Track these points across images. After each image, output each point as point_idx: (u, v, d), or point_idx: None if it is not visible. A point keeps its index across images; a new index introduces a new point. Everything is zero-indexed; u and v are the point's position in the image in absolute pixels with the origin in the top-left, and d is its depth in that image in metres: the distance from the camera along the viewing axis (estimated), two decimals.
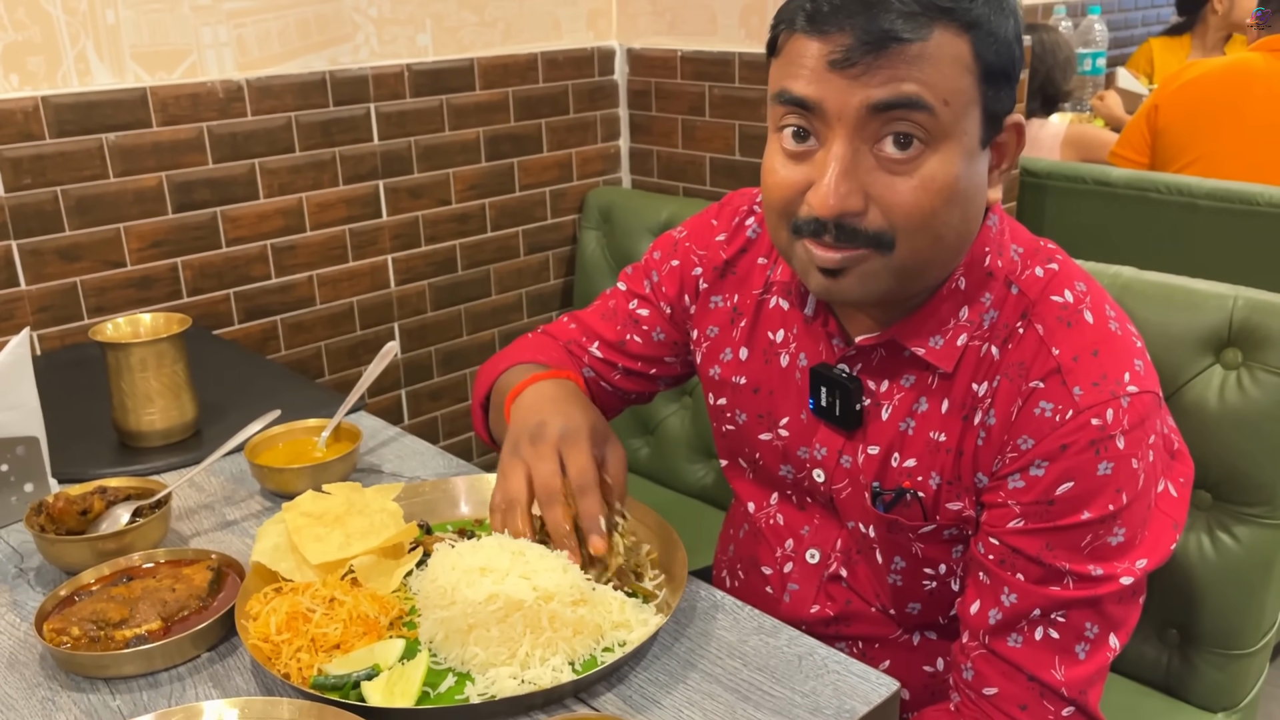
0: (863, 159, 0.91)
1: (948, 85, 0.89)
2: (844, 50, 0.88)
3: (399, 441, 1.34)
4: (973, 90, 0.91)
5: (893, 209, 0.91)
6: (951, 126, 0.90)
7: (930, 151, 0.90)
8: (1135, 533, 0.97)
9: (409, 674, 0.86)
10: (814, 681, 0.87)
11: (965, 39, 0.90)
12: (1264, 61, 2.27)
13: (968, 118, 0.91)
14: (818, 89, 0.90)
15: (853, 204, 0.91)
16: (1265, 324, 1.30)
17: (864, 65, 0.88)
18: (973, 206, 0.96)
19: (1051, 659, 0.98)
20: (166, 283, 1.77)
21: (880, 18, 0.87)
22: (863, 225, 0.92)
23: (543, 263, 2.27)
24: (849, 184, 0.91)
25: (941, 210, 0.92)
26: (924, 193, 0.90)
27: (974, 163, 0.94)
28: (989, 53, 0.91)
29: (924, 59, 0.88)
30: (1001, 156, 0.99)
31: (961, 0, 0.89)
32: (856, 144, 0.90)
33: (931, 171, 0.90)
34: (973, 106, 0.92)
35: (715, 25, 2.08)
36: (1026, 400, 0.96)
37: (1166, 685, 1.46)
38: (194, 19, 1.73)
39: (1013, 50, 0.94)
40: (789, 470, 1.15)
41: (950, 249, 0.97)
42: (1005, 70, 0.93)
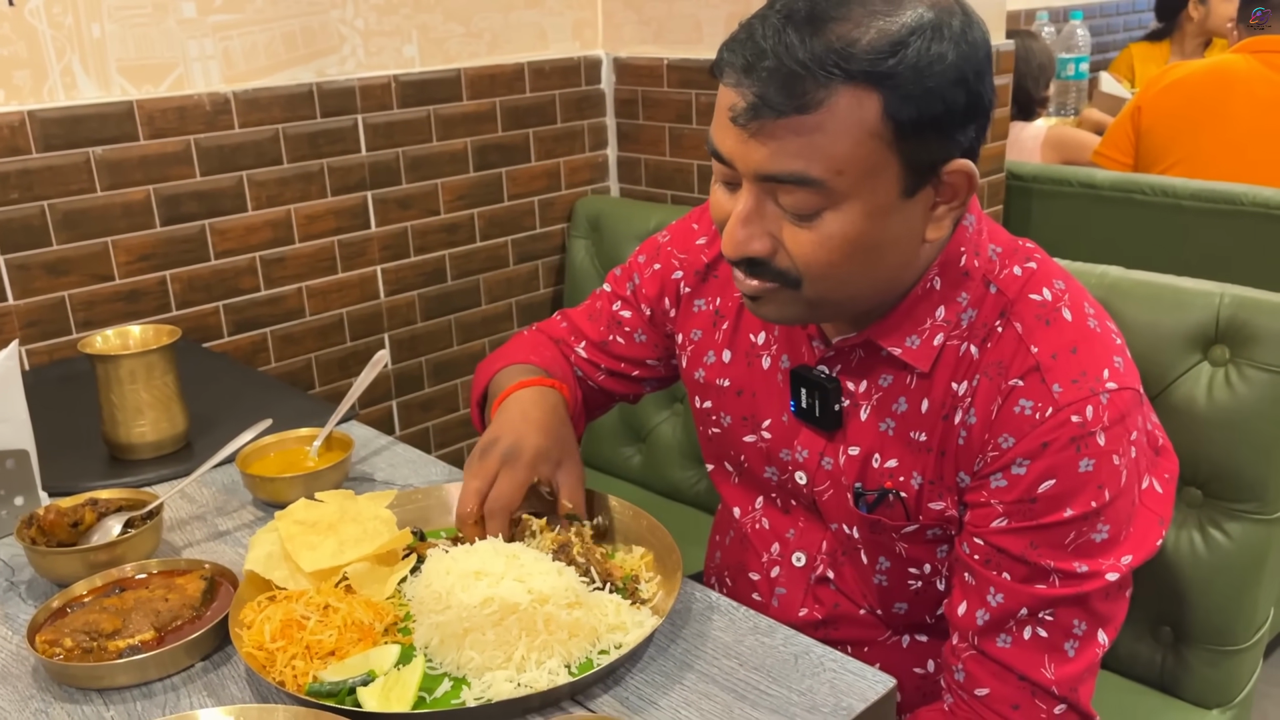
0: (769, 207, 0.92)
1: (842, 154, 0.87)
2: (740, 110, 0.88)
3: (391, 450, 1.34)
4: (880, 152, 0.88)
5: (795, 257, 0.93)
6: (851, 189, 0.89)
7: (830, 209, 0.90)
8: (1120, 529, 0.97)
9: (405, 679, 0.86)
10: (810, 680, 0.87)
11: (874, 98, 0.86)
12: (1245, 63, 2.29)
13: (875, 178, 0.89)
14: (724, 141, 0.92)
15: (755, 248, 0.93)
16: (1252, 321, 1.31)
17: (754, 128, 0.88)
18: (892, 253, 0.95)
19: (1041, 658, 0.98)
20: (155, 296, 1.77)
21: (773, 82, 0.86)
22: (772, 263, 0.94)
23: (532, 272, 2.27)
24: (749, 230, 0.92)
25: (841, 263, 0.92)
26: (822, 248, 0.91)
27: (890, 215, 0.92)
28: (907, 109, 0.87)
29: (818, 130, 0.86)
30: (951, 195, 0.94)
31: (871, 55, 0.85)
32: (761, 196, 0.92)
33: (830, 230, 0.90)
34: (881, 168, 0.89)
35: (700, 34, 2.09)
36: (1006, 399, 0.96)
37: (1160, 683, 1.46)
38: (180, 32, 1.73)
39: (949, 96, 0.88)
40: (773, 472, 1.15)
41: (869, 290, 0.97)
42: (935, 120, 0.88)
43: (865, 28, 0.86)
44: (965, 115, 0.90)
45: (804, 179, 0.88)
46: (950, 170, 0.92)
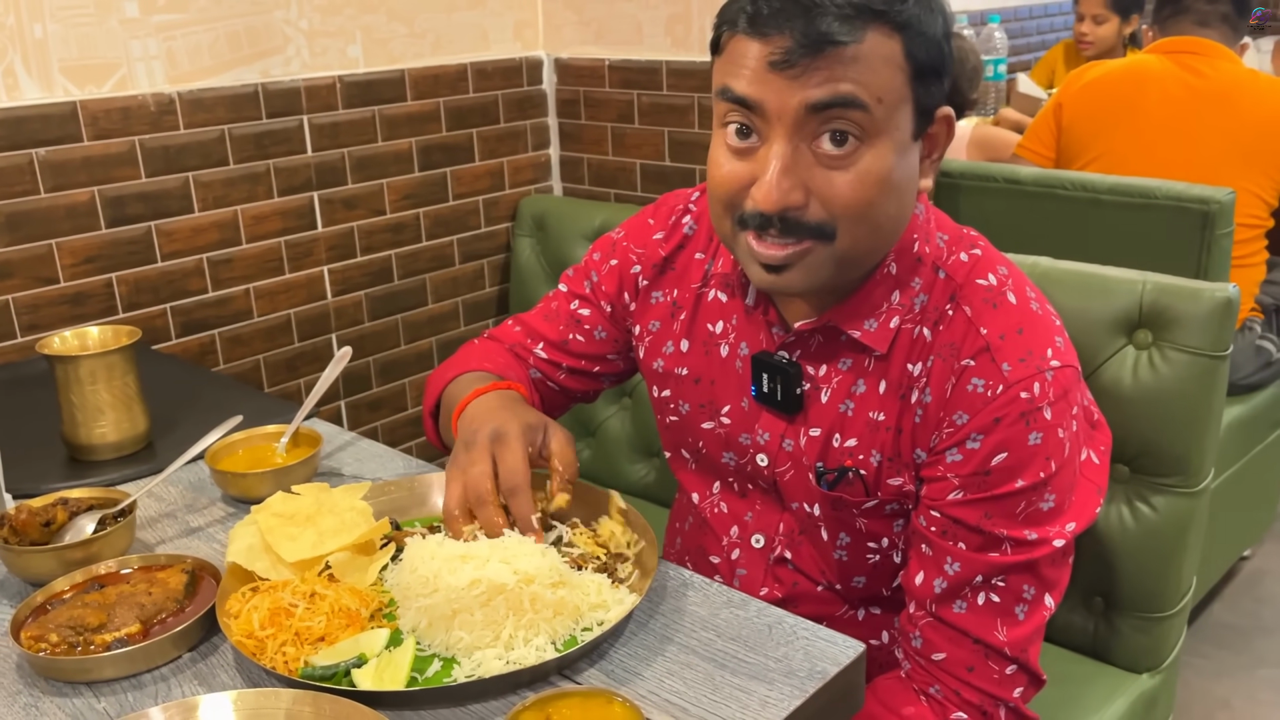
0: (802, 155, 0.95)
1: (881, 84, 0.94)
2: (784, 52, 0.92)
3: (356, 445, 1.36)
4: (904, 88, 0.96)
5: (832, 201, 0.96)
6: (885, 122, 0.95)
7: (865, 147, 0.95)
8: (1064, 498, 1.04)
9: (397, 660, 0.88)
10: (785, 648, 0.92)
11: (897, 39, 0.95)
12: (1159, 63, 2.41)
13: (900, 113, 0.97)
14: (759, 89, 0.95)
15: (794, 199, 0.96)
16: (1173, 306, 1.39)
17: (802, 66, 0.92)
18: (906, 195, 1.02)
19: (994, 622, 1.04)
20: (101, 299, 1.75)
21: (818, 21, 0.92)
22: (805, 218, 0.97)
23: (478, 271, 2.29)
24: (790, 180, 0.95)
25: (878, 200, 0.97)
26: (861, 185, 0.96)
27: (906, 155, 0.99)
28: (919, 51, 0.96)
29: (858, 60, 0.93)
30: (932, 147, 1.04)
31: (893, 3, 0.94)
32: (796, 142, 0.95)
33: (867, 165, 0.96)
34: (904, 103, 0.97)
35: (641, 35, 2.13)
36: (959, 378, 1.02)
37: (1094, 650, 1.54)
38: (123, 32, 1.72)
39: (941, 48, 0.99)
40: (731, 457, 1.19)
41: (887, 236, 1.02)
42: (935, 67, 0.98)
43: None
44: (945, 68, 1.00)
45: (855, 101, 0.93)
46: (939, 116, 1.02)
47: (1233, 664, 2.37)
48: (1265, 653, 2.40)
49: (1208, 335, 1.38)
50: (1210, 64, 2.35)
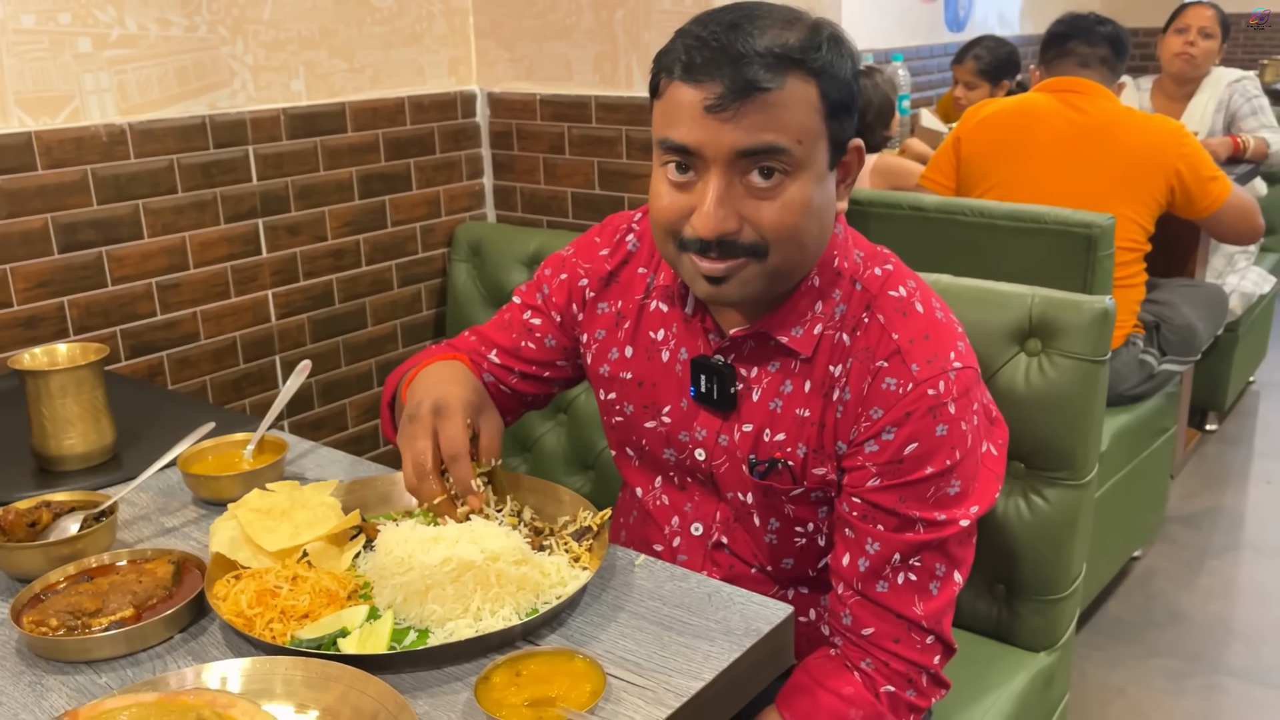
0: (734, 188, 1.09)
1: (800, 125, 1.07)
2: (716, 97, 1.05)
3: (316, 452, 1.45)
4: (820, 126, 1.10)
5: (763, 227, 1.09)
6: (805, 159, 1.09)
7: (789, 180, 1.09)
8: (968, 484, 1.18)
9: (378, 630, 0.98)
10: (723, 611, 1.04)
11: (813, 83, 1.08)
12: (1046, 101, 2.61)
13: (817, 149, 1.10)
14: (695, 136, 1.08)
15: (729, 226, 1.09)
16: (1059, 317, 1.55)
17: (733, 110, 1.05)
18: (826, 218, 1.16)
19: (912, 597, 1.17)
20: (53, 322, 1.81)
21: (744, 69, 1.05)
22: (740, 240, 1.10)
23: (415, 295, 2.39)
24: (724, 210, 1.09)
25: (802, 224, 1.11)
26: (786, 213, 1.09)
27: (825, 183, 1.13)
28: (833, 92, 1.09)
29: (781, 105, 1.06)
30: (847, 173, 1.18)
31: (809, 52, 1.07)
32: (729, 177, 1.08)
33: (791, 195, 1.09)
34: (821, 139, 1.11)
35: (570, 71, 2.26)
36: (874, 378, 1.15)
37: (998, 633, 1.69)
38: (76, 66, 1.79)
39: (851, 87, 1.12)
40: (671, 453, 1.31)
41: (812, 253, 1.16)
42: (846, 104, 1.11)
43: (789, 33, 1.07)
44: (855, 104, 1.14)
45: (776, 148, 1.06)
46: (851, 147, 1.15)
47: (1127, 655, 2.55)
48: (1157, 644, 2.59)
49: (1089, 342, 1.54)
50: (1091, 101, 2.57)
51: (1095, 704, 2.39)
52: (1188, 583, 2.86)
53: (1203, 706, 2.38)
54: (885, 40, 4.47)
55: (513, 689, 0.91)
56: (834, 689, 1.18)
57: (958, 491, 1.16)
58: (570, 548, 1.11)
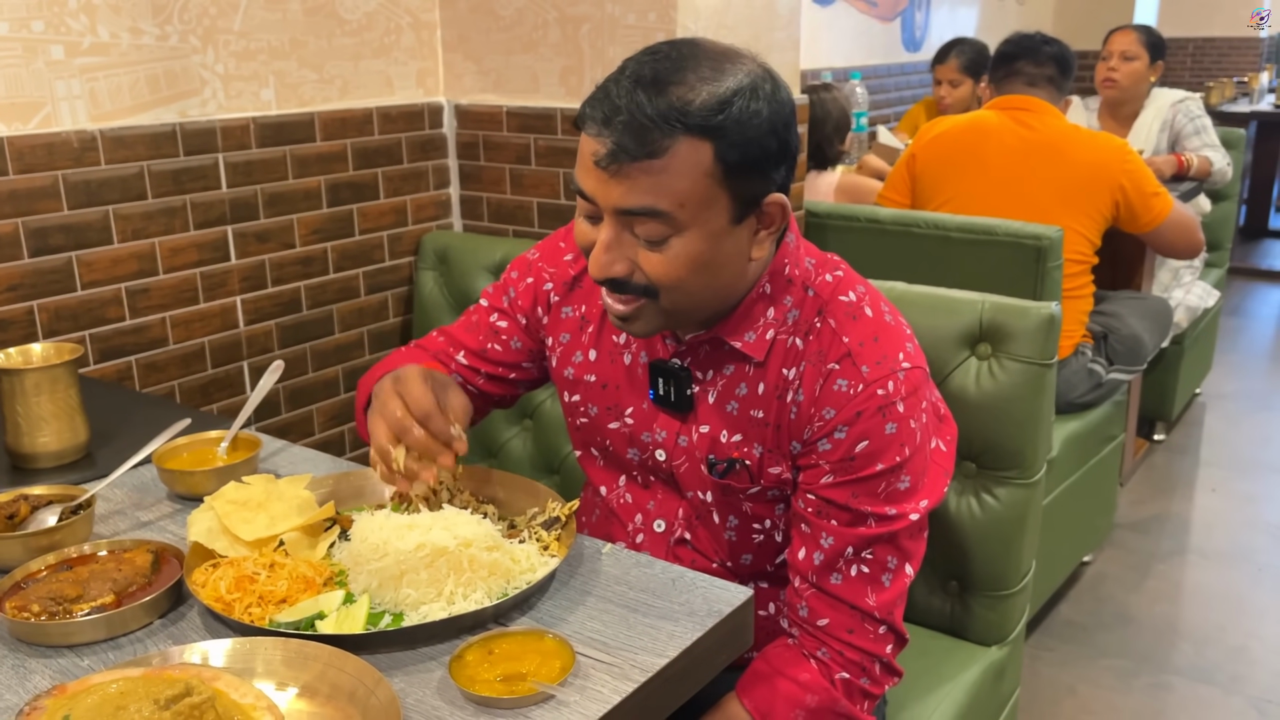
0: (626, 236, 1.12)
1: (683, 190, 1.07)
2: (601, 155, 1.08)
3: (288, 451, 1.48)
4: (714, 188, 1.09)
5: (649, 275, 1.13)
6: (691, 220, 1.09)
7: (675, 236, 1.11)
8: (917, 479, 1.23)
9: (354, 613, 1.02)
10: (686, 595, 1.08)
11: (707, 145, 1.07)
12: (997, 118, 2.70)
13: (711, 209, 1.10)
14: (590, 185, 1.11)
15: (616, 270, 1.13)
16: (1008, 323, 1.62)
17: (613, 170, 1.08)
18: (725, 270, 1.15)
19: (865, 589, 1.22)
20: (22, 325, 1.82)
21: (628, 133, 1.07)
22: (632, 281, 1.14)
23: (382, 302, 2.42)
24: (611, 255, 1.12)
25: (688, 277, 1.13)
26: (671, 266, 1.12)
27: (724, 238, 1.12)
28: (732, 154, 1.08)
29: (664, 170, 1.07)
30: (768, 222, 1.16)
31: (709, 115, 1.06)
32: (619, 227, 1.12)
33: (676, 251, 1.11)
34: (714, 201, 1.09)
35: (537, 84, 2.31)
36: (826, 379, 1.20)
37: (951, 628, 1.75)
38: (48, 73, 1.81)
39: (764, 143, 1.10)
40: (635, 453, 1.36)
41: (707, 299, 1.18)
42: (755, 162, 1.10)
43: (698, 90, 1.07)
44: (778, 158, 1.14)
45: (654, 211, 1.09)
46: (768, 202, 1.14)
47: (1076, 655, 2.63)
48: (1106, 645, 2.67)
49: (1036, 346, 1.61)
50: (1039, 119, 2.66)
51: (1047, 702, 2.46)
52: (1136, 586, 2.95)
53: (1149, 704, 2.45)
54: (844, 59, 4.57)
55: (485, 665, 0.95)
56: (791, 676, 1.22)
57: (908, 487, 1.21)
58: (540, 537, 1.15)
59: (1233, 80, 6.58)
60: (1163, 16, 6.69)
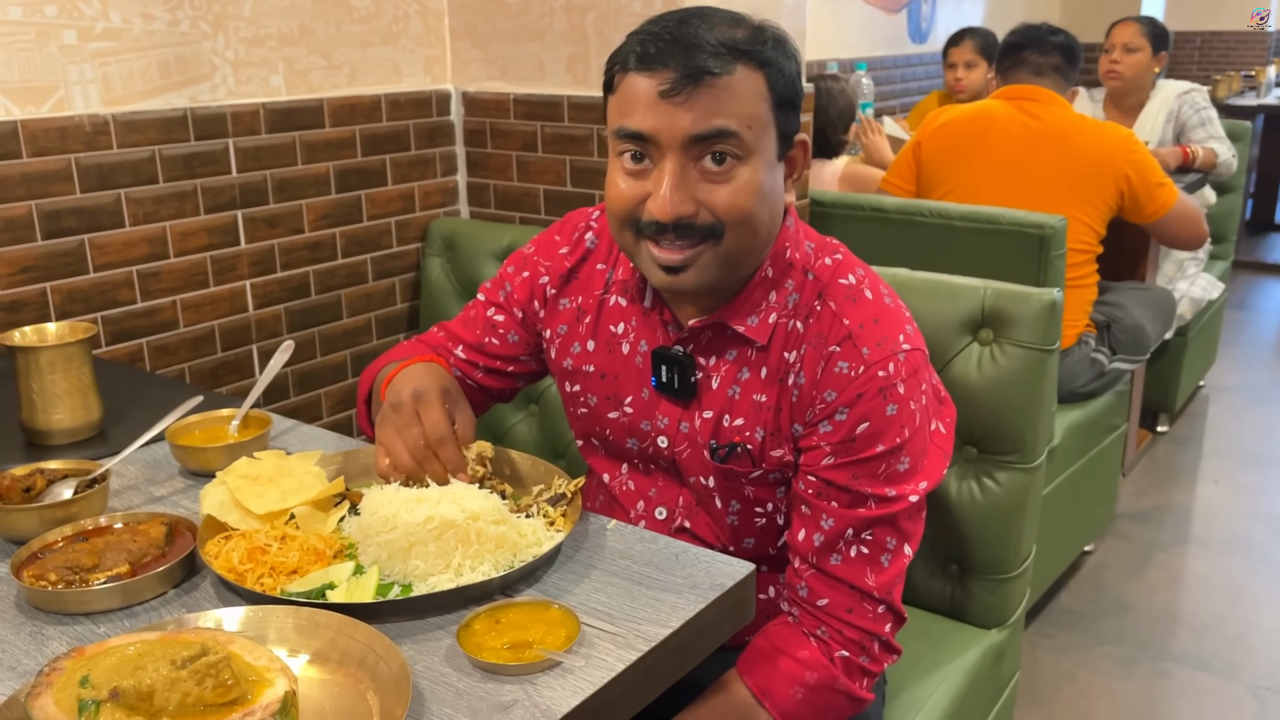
0: (689, 173, 1.15)
1: (749, 112, 1.14)
2: (670, 83, 1.12)
3: (299, 430, 1.50)
4: (768, 115, 1.16)
5: (717, 209, 1.16)
6: (754, 145, 1.15)
7: (740, 164, 1.15)
8: (917, 461, 1.24)
9: (364, 584, 1.04)
10: (690, 569, 1.10)
11: (760, 74, 1.15)
12: (1002, 108, 2.71)
13: (766, 136, 1.17)
14: (650, 122, 1.14)
15: (685, 209, 1.15)
16: (1009, 308, 1.64)
17: (685, 95, 1.12)
18: (776, 205, 1.22)
19: (865, 570, 1.24)
20: (35, 307, 1.85)
21: (695, 57, 1.12)
22: (696, 222, 1.16)
23: (390, 288, 2.44)
24: (680, 194, 1.15)
25: (754, 207, 1.17)
26: (740, 194, 1.16)
27: (774, 171, 1.20)
28: (779, 85, 1.16)
29: (729, 91, 1.13)
30: (793, 168, 1.25)
31: (756, 45, 1.15)
32: (684, 162, 1.14)
33: (743, 179, 1.15)
34: (769, 128, 1.17)
35: (544, 72, 2.33)
36: (827, 362, 1.22)
37: (951, 611, 1.77)
38: (61, 57, 1.83)
39: (795, 84, 1.19)
40: (634, 442, 1.37)
41: (764, 237, 1.22)
42: (791, 99, 1.18)
43: (736, 29, 1.15)
44: (799, 103, 1.21)
45: (727, 132, 1.13)
46: (797, 141, 1.21)
47: (1076, 642, 2.65)
48: (1105, 633, 2.68)
49: (1037, 332, 1.63)
50: (1045, 109, 2.67)
51: (1046, 688, 2.48)
52: (1136, 575, 2.97)
53: (1148, 690, 2.47)
54: (849, 50, 4.57)
55: (492, 634, 0.97)
56: (791, 654, 1.24)
57: (907, 468, 1.23)
58: (546, 512, 1.17)
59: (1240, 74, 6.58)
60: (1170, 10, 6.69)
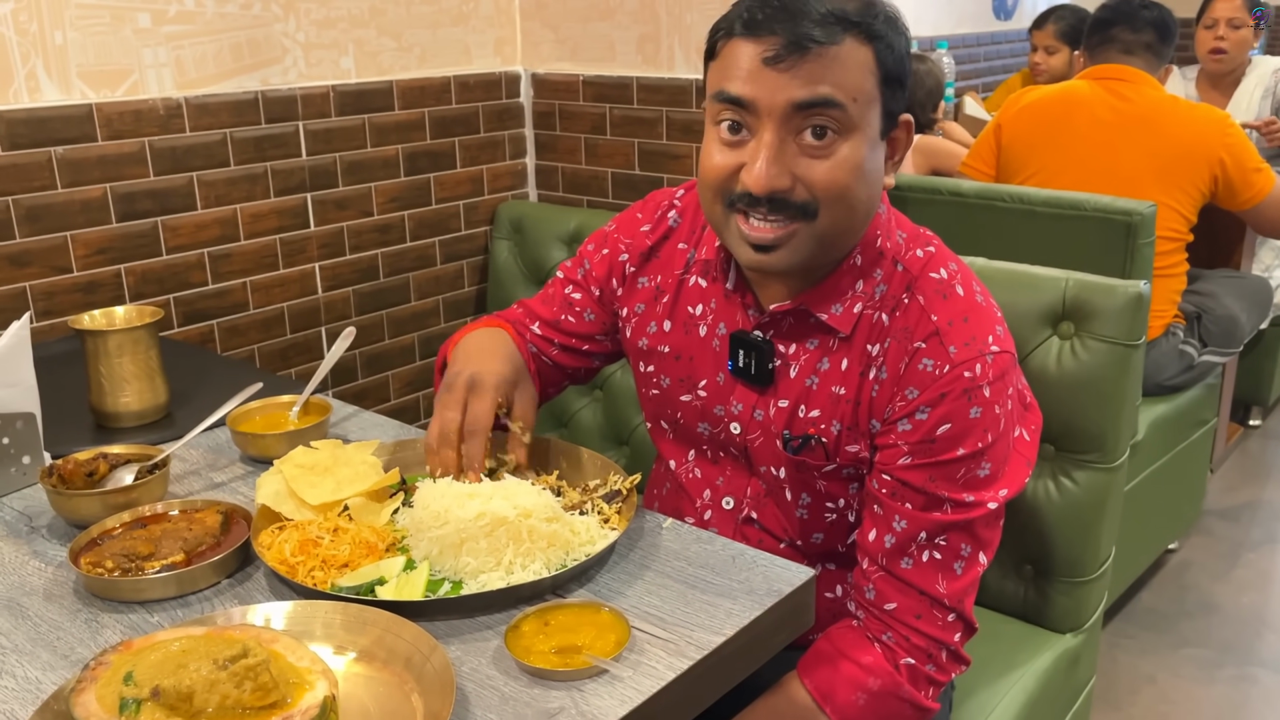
0: (787, 146, 1.10)
1: (854, 85, 1.10)
2: (775, 49, 1.08)
3: (359, 416, 1.50)
4: (874, 90, 1.11)
5: (814, 185, 1.11)
6: (858, 119, 1.11)
7: (841, 139, 1.10)
8: (998, 467, 1.19)
9: (414, 580, 1.02)
10: (746, 573, 1.07)
11: (869, 48, 1.10)
12: (1089, 88, 2.60)
13: (871, 112, 1.12)
14: (752, 88, 1.10)
15: (781, 183, 1.11)
16: (1092, 300, 1.56)
17: (790, 62, 1.08)
18: (875, 186, 1.16)
19: (936, 576, 1.19)
20: (110, 288, 1.88)
21: (802, 24, 1.08)
22: (791, 198, 1.11)
23: (458, 271, 2.44)
24: (777, 167, 1.10)
25: (853, 185, 1.12)
26: (839, 171, 1.11)
27: (875, 150, 1.15)
28: (888, 60, 1.11)
29: (837, 62, 1.08)
30: (895, 150, 1.19)
31: (866, 17, 1.10)
32: (782, 134, 1.10)
33: (844, 155, 1.11)
34: (874, 104, 1.12)
35: (614, 53, 2.29)
36: (911, 358, 1.17)
37: (1024, 613, 1.71)
38: (135, 41, 1.85)
39: (904, 61, 1.14)
40: (706, 427, 1.34)
41: (861, 218, 1.17)
42: (899, 76, 1.13)
43: (847, 1, 1.10)
44: (907, 79, 1.15)
45: (831, 101, 1.08)
46: (902, 121, 1.16)
47: (1158, 644, 2.55)
48: (1188, 635, 2.58)
49: (1122, 326, 1.55)
50: (1135, 89, 2.55)
51: (1125, 690, 2.40)
52: (1222, 575, 2.85)
53: (1232, 696, 2.37)
54: (931, 28, 4.45)
55: (541, 637, 0.95)
56: (854, 658, 1.20)
57: (988, 474, 1.17)
58: (601, 509, 1.15)
59: None
60: None
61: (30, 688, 0.92)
